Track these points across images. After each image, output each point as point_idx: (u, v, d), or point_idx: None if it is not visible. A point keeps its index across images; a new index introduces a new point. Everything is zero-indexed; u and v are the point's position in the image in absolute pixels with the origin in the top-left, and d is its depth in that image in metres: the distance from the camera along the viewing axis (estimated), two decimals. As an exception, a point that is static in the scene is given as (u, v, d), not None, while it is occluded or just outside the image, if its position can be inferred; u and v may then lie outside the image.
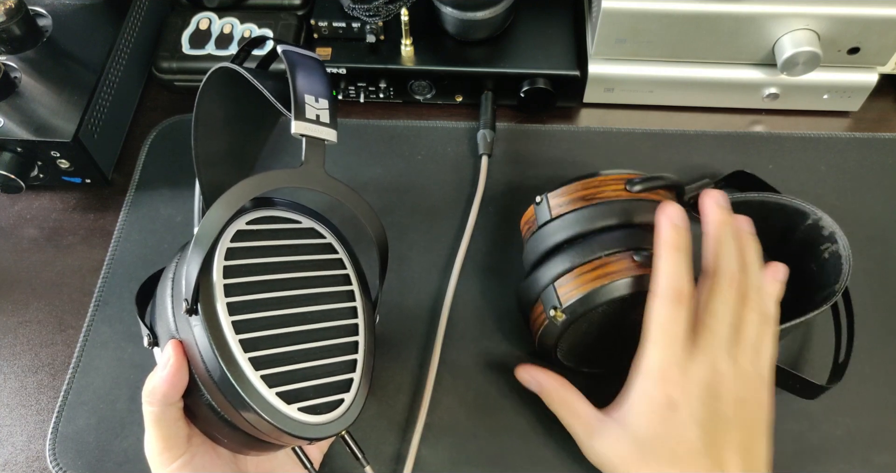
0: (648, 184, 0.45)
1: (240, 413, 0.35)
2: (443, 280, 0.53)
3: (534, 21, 0.61)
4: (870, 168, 0.57)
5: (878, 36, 0.54)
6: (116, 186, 0.59)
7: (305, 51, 0.41)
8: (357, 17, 0.57)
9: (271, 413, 0.35)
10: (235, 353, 0.35)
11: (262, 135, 0.54)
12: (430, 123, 0.61)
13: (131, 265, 0.54)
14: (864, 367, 0.49)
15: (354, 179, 0.57)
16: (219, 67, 0.42)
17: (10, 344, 0.52)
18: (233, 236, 0.38)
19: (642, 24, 0.55)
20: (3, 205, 0.58)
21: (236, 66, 0.41)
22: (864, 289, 0.51)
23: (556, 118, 0.61)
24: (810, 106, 0.60)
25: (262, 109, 0.51)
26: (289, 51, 0.39)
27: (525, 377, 0.46)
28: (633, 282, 0.41)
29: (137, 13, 0.61)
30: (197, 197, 0.43)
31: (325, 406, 0.37)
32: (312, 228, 0.41)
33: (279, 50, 0.40)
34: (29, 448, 0.48)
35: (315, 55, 0.41)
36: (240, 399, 0.35)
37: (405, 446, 0.46)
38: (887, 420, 0.47)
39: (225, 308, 0.35)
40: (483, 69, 0.59)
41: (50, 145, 0.52)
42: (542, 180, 0.57)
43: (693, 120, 0.61)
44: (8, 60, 0.55)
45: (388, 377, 0.49)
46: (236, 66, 0.41)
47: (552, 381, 0.45)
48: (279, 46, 0.40)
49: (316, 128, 0.37)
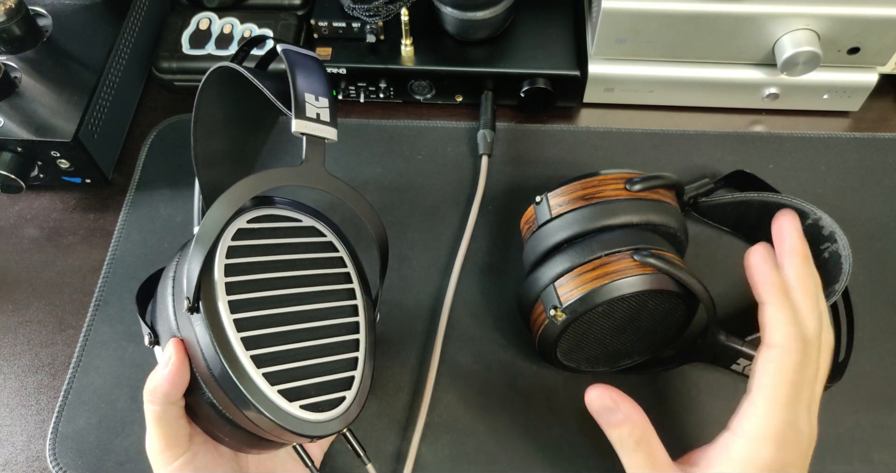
0: (648, 184, 0.45)
1: (242, 411, 0.35)
2: (443, 279, 0.53)
3: (534, 21, 0.61)
4: (870, 168, 0.57)
5: (878, 36, 0.54)
6: (116, 186, 0.59)
7: (305, 50, 0.41)
8: (357, 17, 0.57)
9: (273, 411, 0.35)
10: (237, 351, 0.35)
11: (262, 135, 0.54)
12: (430, 123, 0.61)
13: (131, 265, 0.54)
14: (864, 366, 0.49)
15: (355, 179, 0.57)
16: (218, 67, 0.42)
17: (10, 344, 0.52)
18: (234, 234, 0.38)
19: (642, 24, 0.55)
20: (3, 205, 0.58)
21: (236, 65, 0.41)
22: (864, 289, 0.51)
23: (556, 118, 0.61)
24: (810, 106, 0.60)
25: (262, 109, 0.52)
26: (289, 50, 0.40)
27: (604, 401, 0.38)
28: (633, 282, 0.41)
29: (137, 13, 0.61)
30: (196, 196, 0.43)
31: (326, 403, 0.37)
32: (313, 227, 0.41)
33: (279, 49, 0.40)
34: (29, 448, 0.48)
35: (315, 54, 0.41)
36: (242, 396, 0.35)
37: (405, 445, 0.46)
38: (887, 418, 0.47)
39: (226, 306, 0.35)
40: (483, 69, 0.59)
41: (50, 145, 0.52)
42: (542, 180, 0.57)
43: (693, 120, 0.61)
44: (8, 60, 0.55)
45: (388, 376, 0.49)
46: (236, 66, 0.41)
47: (639, 415, 0.38)
48: (279, 46, 0.40)
49: (316, 126, 0.37)
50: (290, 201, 0.42)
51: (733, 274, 0.52)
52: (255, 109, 0.50)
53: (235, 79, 0.41)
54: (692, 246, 0.50)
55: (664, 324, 0.44)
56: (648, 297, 0.41)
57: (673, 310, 0.43)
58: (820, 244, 0.48)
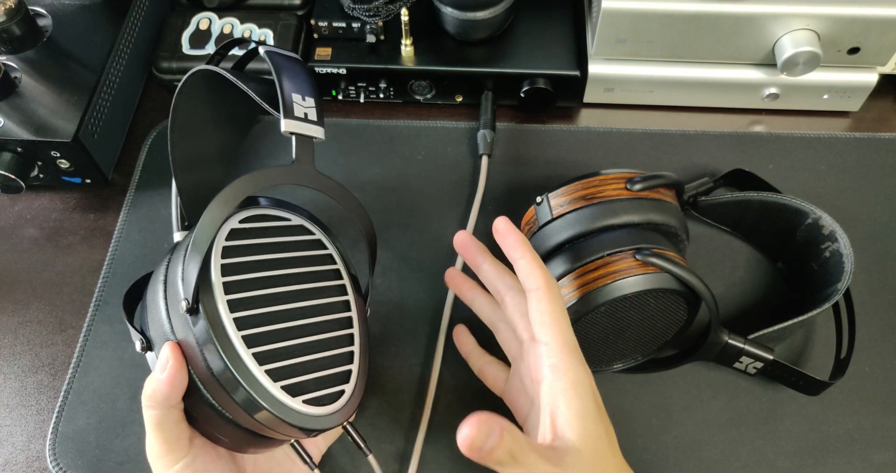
0: (649, 183, 0.45)
1: (246, 409, 0.35)
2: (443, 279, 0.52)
3: (534, 21, 0.61)
4: (870, 168, 0.57)
5: (878, 36, 0.54)
6: (116, 186, 0.59)
7: (286, 51, 0.41)
8: (357, 17, 0.57)
9: (278, 408, 0.35)
10: (239, 349, 0.35)
11: (239, 136, 0.54)
12: (430, 123, 0.61)
13: (131, 265, 0.54)
14: (864, 366, 0.49)
15: (354, 179, 0.57)
16: (197, 70, 0.42)
17: (10, 344, 0.52)
18: (227, 235, 0.38)
19: (642, 24, 0.55)
20: (3, 205, 0.58)
21: (219, 68, 0.41)
22: (864, 288, 0.51)
23: (556, 118, 0.61)
24: (810, 106, 0.61)
25: (239, 110, 0.51)
26: (272, 52, 0.40)
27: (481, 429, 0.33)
28: (635, 281, 0.41)
29: (137, 13, 0.61)
30: (174, 200, 0.43)
31: (326, 397, 0.38)
32: (302, 225, 0.42)
33: (261, 51, 0.40)
34: (29, 448, 0.48)
35: (296, 55, 0.41)
36: (246, 395, 0.35)
37: (407, 445, 0.46)
38: (887, 418, 0.47)
39: (226, 305, 0.35)
40: (483, 69, 0.59)
41: (50, 145, 0.52)
42: (543, 180, 0.57)
43: (693, 120, 0.61)
44: (8, 60, 0.55)
45: (388, 376, 0.49)
46: (220, 69, 0.41)
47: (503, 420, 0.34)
48: (261, 48, 0.40)
49: (305, 126, 0.38)
50: (275, 200, 0.42)
51: (733, 273, 0.52)
52: (232, 111, 0.50)
53: (212, 81, 0.41)
54: (692, 245, 0.50)
55: (666, 323, 0.44)
56: (651, 297, 0.41)
57: (675, 309, 0.43)
58: (821, 243, 0.48)
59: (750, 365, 0.45)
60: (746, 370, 0.46)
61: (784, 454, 0.46)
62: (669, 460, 0.46)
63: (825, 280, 0.47)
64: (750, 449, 0.46)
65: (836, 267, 0.47)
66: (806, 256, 0.49)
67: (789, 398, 0.47)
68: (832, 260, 0.47)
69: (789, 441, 0.46)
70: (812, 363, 0.49)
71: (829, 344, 0.49)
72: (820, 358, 0.49)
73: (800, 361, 0.49)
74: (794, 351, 0.49)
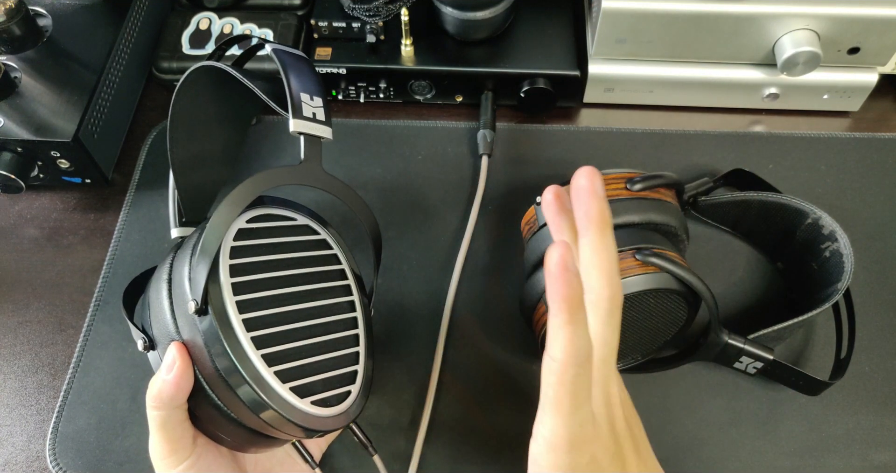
0: (649, 183, 0.45)
1: (254, 411, 0.35)
2: (443, 280, 0.53)
3: (534, 21, 0.61)
4: (870, 168, 0.57)
5: (878, 36, 0.54)
6: (116, 186, 0.59)
7: (293, 49, 0.41)
8: (357, 17, 0.57)
9: (287, 410, 0.35)
10: (249, 352, 0.35)
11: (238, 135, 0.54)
12: (430, 123, 0.61)
13: (131, 265, 0.54)
14: (864, 366, 0.49)
15: (355, 179, 0.57)
16: (199, 65, 0.41)
17: (10, 344, 0.52)
18: (235, 235, 0.38)
19: (642, 24, 0.55)
20: (3, 205, 0.58)
21: (225, 65, 0.40)
22: (864, 288, 0.51)
23: (556, 118, 0.61)
24: (810, 106, 0.61)
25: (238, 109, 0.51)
26: (279, 50, 0.39)
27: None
28: (635, 281, 0.41)
29: (137, 13, 0.61)
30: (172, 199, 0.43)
31: (334, 398, 0.38)
32: (307, 225, 0.42)
33: (268, 49, 0.40)
34: (29, 448, 0.48)
35: (303, 53, 0.41)
36: (256, 397, 0.35)
37: (407, 444, 0.46)
38: (886, 418, 0.47)
39: (235, 306, 0.35)
40: (483, 69, 0.59)
41: (50, 145, 0.52)
42: (542, 180, 0.57)
43: (693, 120, 0.61)
44: (8, 60, 0.55)
45: (389, 376, 0.49)
46: (223, 65, 0.40)
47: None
48: (268, 46, 0.40)
49: (314, 126, 0.38)
50: (279, 199, 0.42)
51: (733, 273, 0.52)
52: (232, 109, 0.50)
53: (213, 78, 0.40)
54: (692, 245, 0.50)
55: (666, 323, 0.44)
56: (651, 296, 0.41)
57: (675, 309, 0.43)
58: (821, 243, 0.48)
59: (750, 364, 0.46)
60: (746, 370, 0.46)
61: (784, 454, 0.46)
62: (669, 460, 0.46)
63: (825, 280, 0.47)
64: (750, 449, 0.46)
65: (836, 267, 0.47)
66: (806, 256, 0.49)
67: (789, 398, 0.47)
68: (832, 260, 0.47)
69: (789, 441, 0.46)
70: (812, 363, 0.49)
71: (829, 344, 0.49)
72: (820, 358, 0.49)
73: (800, 361, 0.49)
74: (794, 351, 0.49)
